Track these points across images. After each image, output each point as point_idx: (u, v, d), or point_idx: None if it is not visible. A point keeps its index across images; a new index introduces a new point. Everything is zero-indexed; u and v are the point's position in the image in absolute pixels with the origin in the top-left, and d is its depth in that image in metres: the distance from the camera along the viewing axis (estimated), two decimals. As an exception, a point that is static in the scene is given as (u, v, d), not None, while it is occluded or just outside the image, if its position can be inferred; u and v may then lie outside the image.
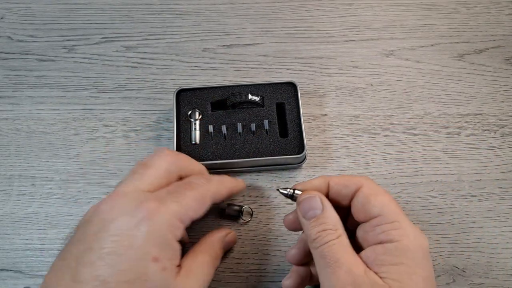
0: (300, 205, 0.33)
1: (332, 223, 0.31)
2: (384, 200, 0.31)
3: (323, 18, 0.55)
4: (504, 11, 0.55)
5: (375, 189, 0.32)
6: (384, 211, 0.31)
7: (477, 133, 0.47)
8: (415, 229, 0.30)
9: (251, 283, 0.41)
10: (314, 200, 0.32)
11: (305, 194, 0.33)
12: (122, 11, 0.55)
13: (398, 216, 0.31)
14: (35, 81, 0.50)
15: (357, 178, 0.33)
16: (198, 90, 0.47)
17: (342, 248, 0.30)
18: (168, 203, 0.31)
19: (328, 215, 0.32)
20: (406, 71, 0.51)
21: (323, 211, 0.32)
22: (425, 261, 0.30)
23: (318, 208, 0.32)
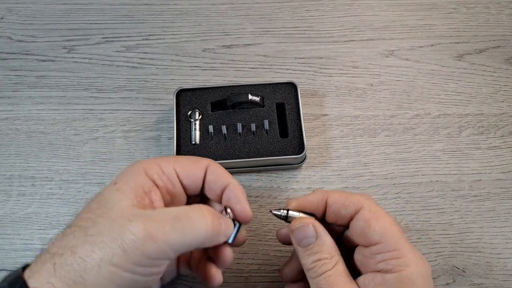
0: (293, 233, 0.32)
1: (327, 251, 0.31)
2: (385, 224, 0.30)
3: (323, 18, 0.55)
4: (504, 11, 0.55)
5: (375, 212, 0.31)
6: (385, 238, 0.30)
7: (477, 133, 0.47)
8: (416, 256, 0.30)
9: (251, 283, 0.41)
10: (307, 228, 0.31)
11: (298, 222, 0.32)
12: (122, 11, 0.55)
13: (398, 243, 0.30)
14: (35, 81, 0.50)
15: (357, 197, 0.32)
16: (198, 90, 0.47)
17: (339, 279, 0.30)
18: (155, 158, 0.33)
19: (323, 243, 0.31)
20: (406, 71, 0.51)
21: (317, 239, 0.31)
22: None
23: (312, 236, 0.31)
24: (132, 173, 0.31)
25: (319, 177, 0.45)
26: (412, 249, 0.30)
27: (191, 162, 0.33)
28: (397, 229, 0.31)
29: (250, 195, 0.44)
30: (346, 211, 0.32)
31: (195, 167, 0.33)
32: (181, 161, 0.33)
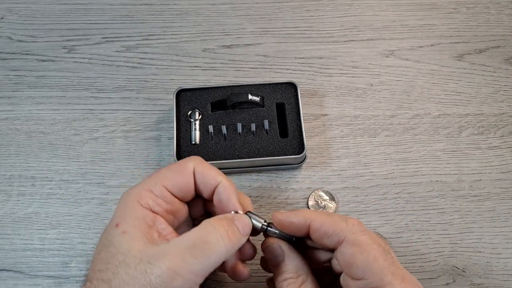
0: (264, 252, 0.33)
1: (293, 270, 0.31)
2: (369, 260, 0.29)
3: (323, 18, 0.55)
4: (504, 11, 0.55)
5: (359, 244, 0.29)
6: (368, 274, 0.28)
7: (477, 133, 0.47)
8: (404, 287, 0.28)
9: (251, 283, 0.41)
10: (273, 248, 0.32)
11: (266, 243, 0.33)
12: (122, 11, 0.55)
13: (383, 279, 0.28)
14: (35, 81, 0.50)
15: (341, 227, 0.30)
16: (198, 90, 0.47)
17: None
18: (144, 180, 0.32)
19: (290, 262, 0.31)
20: (406, 71, 0.51)
21: (284, 258, 0.31)
22: None
23: (279, 255, 0.32)
24: (129, 210, 0.30)
25: (319, 177, 0.45)
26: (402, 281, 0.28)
27: (176, 173, 0.33)
28: (384, 262, 0.29)
29: (250, 195, 0.44)
30: (329, 241, 0.31)
31: (182, 176, 0.33)
32: (167, 176, 0.32)
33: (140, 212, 0.30)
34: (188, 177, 0.33)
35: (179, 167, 0.33)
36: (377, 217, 0.43)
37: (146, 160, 0.46)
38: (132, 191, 0.31)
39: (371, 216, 0.43)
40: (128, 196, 0.31)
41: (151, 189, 0.31)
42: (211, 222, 0.30)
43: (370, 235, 0.30)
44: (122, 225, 0.30)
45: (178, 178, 0.32)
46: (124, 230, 0.29)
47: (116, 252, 0.28)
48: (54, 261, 0.42)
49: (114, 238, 0.29)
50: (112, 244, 0.29)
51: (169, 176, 0.32)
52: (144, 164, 0.46)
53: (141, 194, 0.31)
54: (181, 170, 0.33)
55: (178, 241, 0.29)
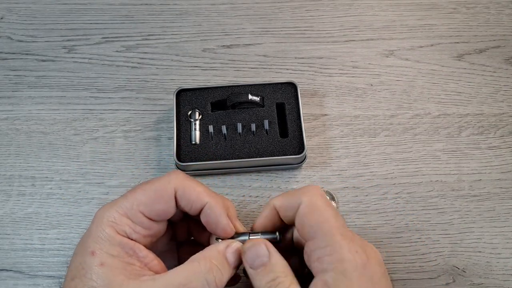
0: (245, 254, 0.31)
1: (281, 270, 0.29)
2: (319, 219, 0.29)
3: (323, 18, 0.55)
4: (504, 11, 0.55)
5: (312, 205, 0.30)
6: (318, 233, 0.29)
7: (477, 133, 0.47)
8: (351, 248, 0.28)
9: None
10: (259, 247, 0.30)
11: (249, 243, 0.31)
12: (122, 11, 0.55)
13: (331, 239, 0.28)
14: (35, 81, 0.50)
15: (296, 194, 0.31)
16: (198, 90, 0.47)
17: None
18: (116, 200, 0.30)
19: (276, 262, 0.30)
20: (406, 71, 0.51)
21: (270, 258, 0.30)
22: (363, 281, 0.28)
23: (264, 255, 0.30)
24: (105, 237, 0.28)
25: (319, 177, 0.45)
26: (351, 242, 0.29)
27: (155, 198, 0.30)
28: (334, 223, 0.29)
29: (250, 195, 0.44)
30: (292, 211, 0.31)
31: (161, 202, 0.30)
32: (144, 201, 0.30)
33: (117, 240, 0.29)
34: (168, 202, 0.31)
35: (157, 191, 0.30)
36: (377, 217, 0.43)
37: (146, 160, 0.46)
38: (106, 214, 0.29)
39: (371, 216, 0.43)
40: (102, 219, 0.29)
41: (127, 214, 0.29)
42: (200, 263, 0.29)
43: (325, 199, 0.31)
44: (99, 254, 0.28)
45: (156, 205, 0.30)
46: (102, 262, 0.28)
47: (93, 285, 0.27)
48: (54, 261, 0.42)
49: (91, 268, 0.27)
50: (88, 274, 0.27)
51: (146, 202, 0.30)
52: (144, 164, 0.46)
53: (116, 219, 0.29)
54: (160, 195, 0.30)
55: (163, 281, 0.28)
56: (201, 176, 0.45)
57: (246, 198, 0.44)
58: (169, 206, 0.31)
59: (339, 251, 0.28)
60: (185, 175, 0.32)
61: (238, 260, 0.31)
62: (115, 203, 0.30)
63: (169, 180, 0.31)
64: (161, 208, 0.30)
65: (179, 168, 0.44)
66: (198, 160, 0.43)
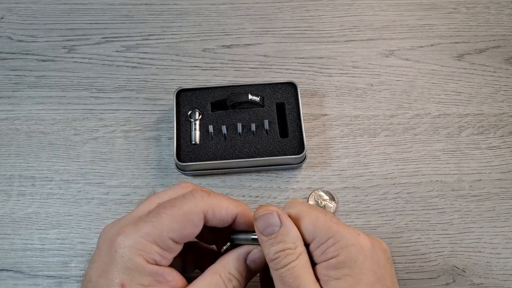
0: (257, 221, 0.30)
1: (291, 241, 0.29)
2: (311, 220, 0.30)
3: (323, 18, 0.55)
4: (504, 11, 0.55)
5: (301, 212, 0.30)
6: (316, 232, 0.29)
7: (477, 133, 0.47)
8: (351, 234, 0.29)
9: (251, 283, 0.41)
10: (271, 216, 0.30)
11: (262, 210, 0.30)
12: (122, 11, 0.55)
13: (329, 232, 0.29)
14: (35, 81, 0.50)
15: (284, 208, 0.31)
16: (198, 90, 0.47)
17: (303, 271, 0.28)
18: (139, 225, 0.29)
19: (287, 232, 0.29)
20: (406, 71, 0.51)
21: (281, 228, 0.29)
22: (369, 263, 0.28)
23: (276, 224, 0.29)
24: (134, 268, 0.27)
25: (319, 177, 0.45)
26: (347, 229, 0.29)
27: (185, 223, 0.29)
28: (325, 218, 0.30)
29: (250, 195, 0.44)
30: None
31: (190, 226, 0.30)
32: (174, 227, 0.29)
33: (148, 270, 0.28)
34: (198, 226, 0.30)
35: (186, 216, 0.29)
36: (377, 217, 0.43)
37: (146, 160, 0.46)
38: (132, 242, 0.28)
39: (371, 216, 0.43)
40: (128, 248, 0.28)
41: (156, 242, 0.28)
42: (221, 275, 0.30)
43: (306, 203, 0.31)
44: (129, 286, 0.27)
45: (186, 230, 0.29)
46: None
47: None
48: (54, 261, 0.42)
49: None
50: None
51: (176, 228, 0.29)
52: (144, 164, 0.46)
53: (146, 248, 0.28)
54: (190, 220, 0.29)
55: None
56: (201, 176, 0.45)
57: (246, 198, 0.44)
58: (198, 229, 0.30)
59: (341, 238, 0.29)
60: (206, 191, 0.31)
61: (258, 266, 0.31)
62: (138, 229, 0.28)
63: (196, 204, 0.30)
64: (191, 232, 0.30)
65: (179, 168, 0.44)
66: (198, 160, 0.43)
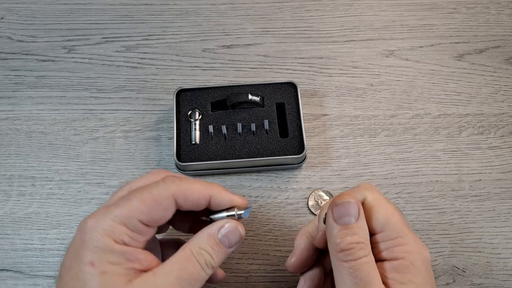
0: (335, 207, 0.29)
1: (364, 236, 0.29)
2: (387, 212, 0.30)
3: (323, 18, 0.55)
4: (504, 11, 0.55)
5: (377, 200, 0.31)
6: (387, 226, 0.30)
7: (477, 133, 0.47)
8: (418, 242, 0.30)
9: (251, 283, 0.41)
10: (352, 206, 0.29)
11: (342, 197, 0.30)
12: (122, 11, 0.55)
13: (401, 231, 0.30)
14: (35, 81, 0.50)
15: (358, 191, 0.31)
16: (198, 90, 0.47)
17: (373, 268, 0.28)
18: (110, 208, 0.29)
19: (362, 226, 0.29)
20: (406, 71, 0.51)
21: (358, 220, 0.29)
22: (429, 275, 0.29)
23: (354, 215, 0.29)
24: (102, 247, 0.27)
25: (319, 177, 0.45)
26: (414, 236, 0.30)
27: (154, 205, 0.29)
28: (399, 217, 0.30)
29: (250, 195, 0.44)
30: None
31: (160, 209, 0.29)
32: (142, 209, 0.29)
33: (117, 249, 0.28)
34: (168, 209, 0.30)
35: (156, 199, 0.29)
36: (377, 217, 0.43)
37: (146, 160, 0.46)
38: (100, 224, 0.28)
39: (371, 216, 0.43)
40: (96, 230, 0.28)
41: (124, 223, 0.28)
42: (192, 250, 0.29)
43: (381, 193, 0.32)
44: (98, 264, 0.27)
45: (155, 212, 0.29)
46: (103, 271, 0.27)
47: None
48: (54, 261, 0.42)
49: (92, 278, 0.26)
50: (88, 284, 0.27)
51: (144, 210, 0.29)
52: (144, 164, 0.46)
53: (113, 228, 0.28)
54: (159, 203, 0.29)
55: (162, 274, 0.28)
56: (201, 176, 0.45)
57: (246, 198, 0.44)
58: (168, 212, 0.30)
59: (409, 242, 0.29)
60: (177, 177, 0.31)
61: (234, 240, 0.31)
62: (108, 212, 0.28)
63: (165, 188, 0.30)
64: (161, 215, 0.30)
65: (179, 168, 0.44)
66: (198, 160, 0.43)
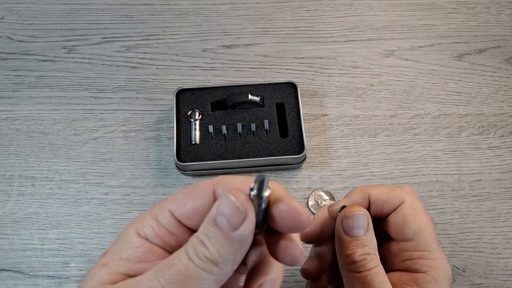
0: (345, 220, 0.29)
1: (374, 247, 0.29)
2: (422, 223, 0.30)
3: (323, 18, 0.55)
4: (504, 11, 0.55)
5: (415, 208, 0.30)
6: (418, 237, 0.30)
7: (477, 133, 0.47)
8: (443, 259, 0.30)
9: (251, 283, 0.41)
10: (362, 218, 0.29)
11: (352, 210, 0.30)
12: (122, 11, 0.55)
13: (430, 245, 0.30)
14: (35, 81, 0.50)
15: (399, 192, 0.31)
16: (198, 90, 0.47)
17: (384, 278, 0.28)
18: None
19: (371, 238, 0.29)
20: (406, 71, 0.51)
21: (367, 232, 0.29)
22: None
23: (363, 228, 0.29)
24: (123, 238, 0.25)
25: (319, 177, 0.45)
26: (442, 252, 0.30)
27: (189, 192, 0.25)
28: (432, 230, 0.30)
29: (250, 195, 0.44)
30: (389, 207, 0.31)
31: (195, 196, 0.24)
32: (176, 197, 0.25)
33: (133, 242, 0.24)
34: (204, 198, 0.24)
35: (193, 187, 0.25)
36: (377, 217, 0.43)
37: (146, 160, 0.46)
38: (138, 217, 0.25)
39: (371, 216, 0.43)
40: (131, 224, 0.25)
41: (156, 215, 0.25)
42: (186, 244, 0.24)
43: (421, 204, 0.31)
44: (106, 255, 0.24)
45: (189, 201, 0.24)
46: (104, 263, 0.24)
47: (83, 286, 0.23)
48: (54, 261, 0.42)
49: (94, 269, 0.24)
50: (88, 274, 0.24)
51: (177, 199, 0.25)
52: (144, 164, 0.46)
53: (141, 219, 0.25)
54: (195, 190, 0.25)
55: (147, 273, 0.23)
56: (201, 176, 0.45)
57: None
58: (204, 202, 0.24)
59: (436, 258, 0.29)
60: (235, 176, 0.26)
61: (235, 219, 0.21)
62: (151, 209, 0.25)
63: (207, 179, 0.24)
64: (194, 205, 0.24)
65: (179, 168, 0.44)
66: (198, 160, 0.43)
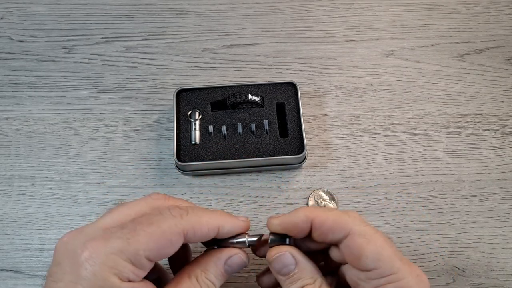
0: (271, 264, 0.31)
1: (309, 276, 0.30)
2: (377, 249, 0.29)
3: (323, 18, 0.55)
4: (504, 11, 0.55)
5: (365, 234, 0.29)
6: (379, 263, 0.28)
7: (477, 133, 0.47)
8: (413, 272, 0.29)
9: (251, 283, 0.41)
10: (285, 257, 0.30)
11: (275, 252, 0.31)
12: (122, 11, 0.55)
13: (394, 267, 0.28)
14: (35, 81, 0.50)
15: (344, 220, 0.30)
16: (198, 90, 0.47)
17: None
18: (113, 241, 0.27)
19: (303, 268, 0.30)
20: (406, 71, 0.51)
21: (297, 266, 0.30)
22: None
23: (291, 264, 0.30)
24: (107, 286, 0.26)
25: (319, 177, 0.45)
26: (410, 266, 0.29)
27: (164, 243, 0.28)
28: (390, 248, 0.29)
29: (250, 195, 0.44)
30: (334, 236, 0.30)
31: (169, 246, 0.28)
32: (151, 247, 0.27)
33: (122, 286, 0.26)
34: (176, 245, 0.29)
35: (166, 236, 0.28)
36: (377, 217, 0.43)
37: (146, 160, 0.46)
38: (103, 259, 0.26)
39: (371, 216, 0.43)
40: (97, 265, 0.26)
41: (131, 260, 0.27)
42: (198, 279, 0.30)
43: (370, 226, 0.30)
44: None
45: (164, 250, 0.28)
46: None
47: None
48: (54, 261, 0.42)
49: None
50: None
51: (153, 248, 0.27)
52: (144, 164, 0.46)
53: (119, 266, 0.26)
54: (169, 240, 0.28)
55: None
56: (201, 176, 0.45)
57: (246, 198, 0.44)
58: (175, 248, 0.29)
59: (403, 278, 0.28)
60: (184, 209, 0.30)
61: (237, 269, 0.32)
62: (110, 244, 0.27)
63: (175, 223, 0.28)
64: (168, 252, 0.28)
65: (179, 168, 0.44)
66: (198, 160, 0.43)
